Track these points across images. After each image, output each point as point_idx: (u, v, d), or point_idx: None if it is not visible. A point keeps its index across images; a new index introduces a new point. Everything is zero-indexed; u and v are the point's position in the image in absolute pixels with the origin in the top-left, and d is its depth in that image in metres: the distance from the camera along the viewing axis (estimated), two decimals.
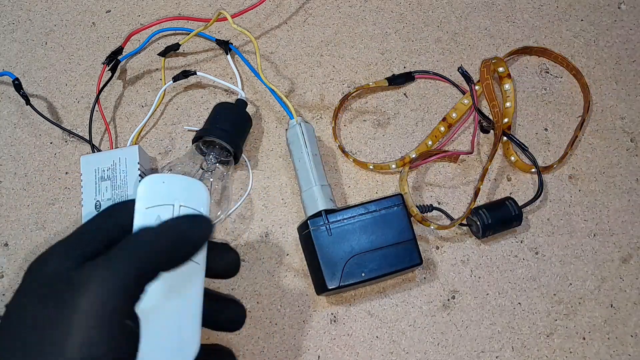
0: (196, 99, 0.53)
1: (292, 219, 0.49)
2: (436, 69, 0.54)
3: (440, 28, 0.56)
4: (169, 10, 0.57)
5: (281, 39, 0.55)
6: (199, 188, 0.33)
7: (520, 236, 0.49)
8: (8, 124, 0.52)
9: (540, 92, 0.54)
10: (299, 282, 0.47)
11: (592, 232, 0.49)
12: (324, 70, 0.54)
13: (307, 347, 0.45)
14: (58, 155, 0.51)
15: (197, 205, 0.32)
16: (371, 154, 0.51)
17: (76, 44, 0.56)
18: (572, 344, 0.46)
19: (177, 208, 0.31)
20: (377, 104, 0.53)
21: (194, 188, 0.32)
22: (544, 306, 0.47)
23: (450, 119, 0.52)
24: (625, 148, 0.52)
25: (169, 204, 0.31)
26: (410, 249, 0.44)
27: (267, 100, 0.53)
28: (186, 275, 0.31)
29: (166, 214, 0.31)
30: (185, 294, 0.31)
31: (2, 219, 0.49)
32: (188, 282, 0.31)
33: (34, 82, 0.54)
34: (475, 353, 0.45)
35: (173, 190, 0.32)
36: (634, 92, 0.54)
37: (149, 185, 0.31)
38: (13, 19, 0.57)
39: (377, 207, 0.44)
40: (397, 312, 0.46)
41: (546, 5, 0.57)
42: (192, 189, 0.32)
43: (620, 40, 0.56)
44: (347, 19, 0.56)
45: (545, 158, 0.51)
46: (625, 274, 0.48)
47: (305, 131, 0.48)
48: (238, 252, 0.35)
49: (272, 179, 0.50)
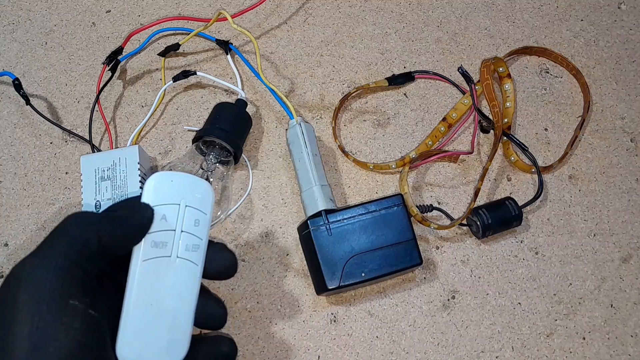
0: (196, 99, 0.53)
1: (292, 219, 0.49)
2: (436, 69, 0.54)
3: (440, 28, 0.56)
4: (169, 10, 0.57)
5: (281, 39, 0.55)
6: (206, 189, 0.33)
7: (520, 236, 0.49)
8: (8, 124, 0.52)
9: (540, 92, 0.54)
10: (299, 282, 0.47)
11: (592, 232, 0.49)
12: (324, 70, 0.54)
13: (307, 347, 0.45)
14: (58, 155, 0.51)
15: (202, 206, 0.32)
16: (371, 154, 0.51)
17: (76, 44, 0.56)
18: (572, 344, 0.46)
19: (182, 208, 0.31)
20: (377, 104, 0.53)
21: (201, 188, 0.33)
22: (544, 306, 0.47)
23: (450, 119, 0.52)
24: (625, 148, 0.52)
25: (175, 203, 0.31)
26: (410, 249, 0.44)
27: (267, 100, 0.53)
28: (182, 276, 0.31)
29: (171, 213, 0.31)
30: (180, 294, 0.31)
31: (2, 219, 0.49)
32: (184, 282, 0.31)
33: (34, 82, 0.54)
34: (475, 353, 0.45)
35: (180, 189, 0.32)
36: (634, 92, 0.54)
37: (157, 183, 0.31)
38: (13, 19, 0.57)
39: (377, 207, 0.44)
40: (397, 312, 0.46)
41: (546, 5, 0.57)
42: (198, 189, 0.32)
43: (620, 40, 0.56)
44: (347, 19, 0.56)
45: (545, 158, 0.51)
46: (625, 274, 0.48)
47: (305, 131, 0.48)
48: (238, 252, 0.35)
49: (272, 179, 0.50)
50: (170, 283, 0.30)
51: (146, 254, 0.30)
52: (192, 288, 0.31)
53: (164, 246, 0.31)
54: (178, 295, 0.31)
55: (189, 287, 0.31)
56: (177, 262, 0.31)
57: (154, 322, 0.30)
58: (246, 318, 0.45)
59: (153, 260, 0.30)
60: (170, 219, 0.31)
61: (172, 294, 0.31)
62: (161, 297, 0.30)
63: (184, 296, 0.31)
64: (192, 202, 0.32)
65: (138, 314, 0.29)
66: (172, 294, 0.30)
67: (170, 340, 0.30)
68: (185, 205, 0.32)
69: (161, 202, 0.31)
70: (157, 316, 0.30)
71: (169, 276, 0.31)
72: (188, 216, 0.31)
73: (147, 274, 0.30)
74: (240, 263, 0.47)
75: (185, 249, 0.31)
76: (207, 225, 0.32)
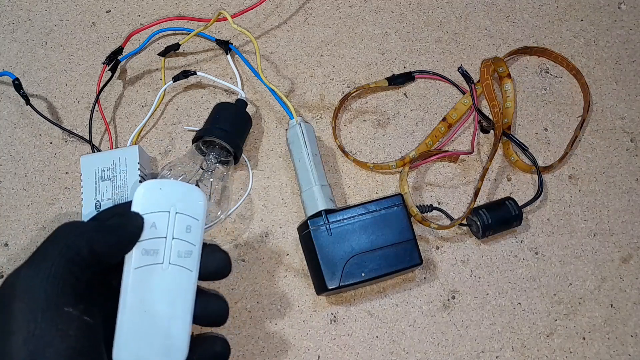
0: (196, 99, 0.53)
1: (292, 219, 0.49)
2: (436, 69, 0.54)
3: (440, 28, 0.56)
4: (169, 10, 0.57)
5: (281, 39, 0.55)
6: (197, 195, 0.33)
7: (520, 236, 0.49)
8: (8, 124, 0.52)
9: (540, 92, 0.54)
10: (299, 282, 0.47)
11: (592, 232, 0.49)
12: (324, 70, 0.54)
13: (307, 347, 0.45)
14: (58, 155, 0.51)
15: (193, 212, 0.32)
16: (371, 154, 0.51)
17: (76, 44, 0.56)
18: (572, 344, 0.46)
19: (172, 215, 0.32)
20: (377, 104, 0.53)
21: (192, 195, 0.33)
22: (544, 306, 0.47)
23: (450, 119, 0.52)
24: (625, 148, 0.52)
25: (165, 210, 0.32)
26: (410, 249, 0.44)
27: (267, 100, 0.53)
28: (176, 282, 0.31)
29: (162, 221, 0.31)
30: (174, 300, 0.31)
31: (2, 219, 0.49)
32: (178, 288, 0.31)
33: (34, 82, 0.54)
34: (475, 353, 0.45)
35: (170, 196, 0.32)
36: (634, 92, 0.54)
37: (146, 191, 0.32)
38: (13, 19, 0.57)
39: (377, 207, 0.44)
40: (397, 312, 0.46)
41: (546, 5, 0.57)
42: (189, 196, 0.33)
43: (620, 40, 0.56)
44: (347, 19, 0.56)
45: (545, 158, 0.51)
46: (625, 274, 0.48)
47: (305, 131, 0.48)
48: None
49: (272, 179, 0.50)
50: (163, 290, 0.31)
51: (137, 261, 0.30)
52: (186, 294, 0.31)
53: (155, 254, 0.31)
54: (172, 302, 0.31)
55: (184, 293, 0.31)
56: (170, 268, 0.31)
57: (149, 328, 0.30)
58: (246, 318, 0.45)
59: (145, 268, 0.30)
60: (161, 227, 0.31)
61: (166, 300, 0.31)
62: (155, 304, 0.30)
63: (178, 302, 0.31)
64: (183, 208, 0.32)
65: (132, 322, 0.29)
66: (166, 301, 0.31)
67: (167, 346, 0.30)
68: (175, 212, 0.32)
69: (151, 210, 0.31)
70: (151, 323, 0.30)
71: (161, 283, 0.31)
72: (179, 223, 0.32)
73: (139, 282, 0.30)
74: (240, 263, 0.47)
75: (178, 255, 0.31)
76: (199, 231, 0.32)
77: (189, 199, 0.32)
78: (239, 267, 0.47)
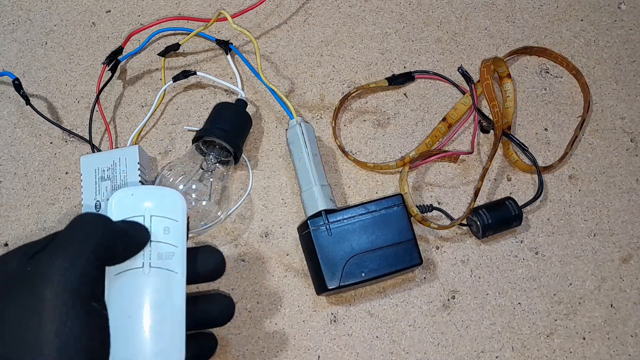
0: (196, 99, 0.53)
1: (292, 219, 0.49)
2: (436, 69, 0.54)
3: (440, 28, 0.56)
4: (169, 10, 0.57)
5: (281, 39, 0.55)
6: (173, 197, 0.33)
7: (520, 236, 0.49)
8: (8, 124, 0.52)
9: (540, 92, 0.54)
10: (299, 282, 0.47)
11: (592, 232, 0.49)
12: (324, 70, 0.54)
13: (307, 347, 0.45)
14: (58, 155, 0.51)
15: (171, 213, 0.32)
16: (371, 154, 0.51)
17: (76, 44, 0.56)
18: (572, 344, 0.46)
19: (147, 218, 0.32)
20: (377, 104, 0.53)
21: (169, 197, 0.33)
22: (544, 306, 0.47)
23: (450, 119, 0.52)
24: (625, 148, 0.52)
25: (138, 215, 0.32)
26: (410, 249, 0.44)
27: (267, 100, 0.53)
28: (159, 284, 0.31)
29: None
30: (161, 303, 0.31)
31: (2, 219, 0.49)
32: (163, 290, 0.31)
33: (34, 82, 0.54)
34: (475, 353, 0.45)
35: (142, 201, 0.32)
36: (634, 92, 0.54)
37: (118, 199, 0.32)
38: (13, 19, 0.57)
39: (377, 207, 0.44)
40: (397, 312, 0.46)
41: (546, 5, 0.57)
42: (166, 198, 0.32)
43: (620, 40, 0.56)
44: (347, 19, 0.56)
45: (545, 158, 0.51)
46: (625, 274, 0.48)
47: (305, 131, 0.48)
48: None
49: (272, 179, 0.50)
50: (146, 293, 0.30)
51: (116, 268, 0.30)
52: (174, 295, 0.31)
53: (134, 258, 0.31)
54: (161, 304, 0.31)
55: (170, 294, 0.31)
56: (152, 271, 0.31)
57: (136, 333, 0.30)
58: (246, 318, 0.45)
59: (125, 273, 0.30)
60: None
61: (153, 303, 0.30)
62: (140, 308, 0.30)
63: (166, 304, 0.31)
64: (159, 211, 0.32)
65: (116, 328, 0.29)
66: (152, 304, 0.30)
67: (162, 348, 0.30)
68: (150, 215, 0.32)
69: (124, 216, 0.31)
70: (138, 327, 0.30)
71: (144, 287, 0.30)
72: (155, 225, 0.32)
73: (121, 287, 0.30)
74: (240, 263, 0.47)
75: (158, 257, 0.31)
76: (180, 231, 0.32)
77: (166, 202, 0.32)
78: (239, 267, 0.47)
